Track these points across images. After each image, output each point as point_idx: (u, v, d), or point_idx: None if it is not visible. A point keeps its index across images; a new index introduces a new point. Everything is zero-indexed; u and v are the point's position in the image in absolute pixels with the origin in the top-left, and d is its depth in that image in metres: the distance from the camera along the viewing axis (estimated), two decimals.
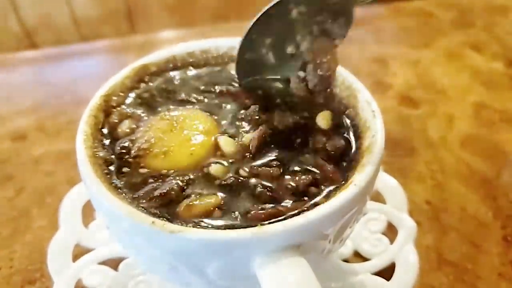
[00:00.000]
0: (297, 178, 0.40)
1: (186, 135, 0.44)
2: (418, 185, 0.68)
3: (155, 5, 1.78)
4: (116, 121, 0.46)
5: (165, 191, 0.38)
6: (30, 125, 0.81)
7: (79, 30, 1.78)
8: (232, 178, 0.40)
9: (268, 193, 0.39)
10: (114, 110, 0.47)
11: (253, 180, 0.40)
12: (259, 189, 0.39)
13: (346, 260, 0.56)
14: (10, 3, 1.62)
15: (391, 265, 0.55)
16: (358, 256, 0.57)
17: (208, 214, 0.37)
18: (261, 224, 0.35)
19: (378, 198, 0.62)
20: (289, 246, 0.34)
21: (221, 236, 0.34)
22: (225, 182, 0.40)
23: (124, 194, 0.39)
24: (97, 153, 0.41)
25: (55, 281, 0.52)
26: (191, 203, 0.38)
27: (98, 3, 1.73)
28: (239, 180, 0.40)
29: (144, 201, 0.38)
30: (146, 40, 1.08)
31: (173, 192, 0.38)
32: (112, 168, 0.41)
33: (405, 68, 0.96)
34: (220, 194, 0.39)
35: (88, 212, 0.60)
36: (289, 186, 0.40)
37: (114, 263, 0.55)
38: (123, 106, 0.48)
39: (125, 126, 0.45)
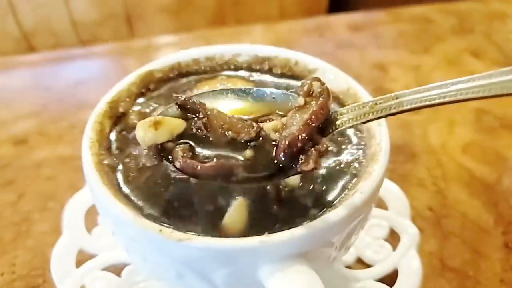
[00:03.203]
0: None
1: None
2: (419, 191, 0.68)
3: (153, 9, 1.78)
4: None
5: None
6: (31, 129, 0.81)
7: (78, 33, 1.77)
8: None
9: None
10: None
11: None
12: None
13: (349, 267, 0.56)
14: (8, 6, 1.62)
15: (394, 271, 0.55)
16: (361, 263, 0.57)
17: None
18: None
19: (380, 204, 0.62)
20: (296, 254, 0.35)
21: (228, 244, 0.34)
22: None
23: (130, 201, 0.39)
24: (103, 160, 0.41)
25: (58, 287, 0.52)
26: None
27: (96, 7, 1.73)
28: None
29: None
30: (147, 44, 1.08)
31: None
32: (118, 174, 0.41)
33: (405, 73, 0.96)
34: None
35: (91, 218, 0.60)
36: None
37: (117, 269, 0.55)
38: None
39: None
